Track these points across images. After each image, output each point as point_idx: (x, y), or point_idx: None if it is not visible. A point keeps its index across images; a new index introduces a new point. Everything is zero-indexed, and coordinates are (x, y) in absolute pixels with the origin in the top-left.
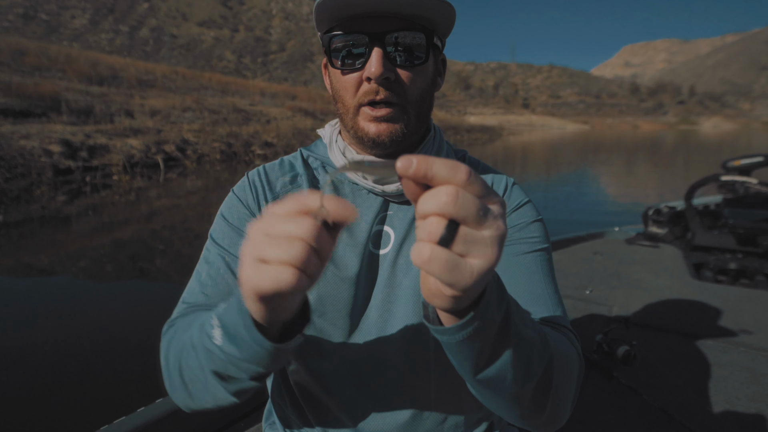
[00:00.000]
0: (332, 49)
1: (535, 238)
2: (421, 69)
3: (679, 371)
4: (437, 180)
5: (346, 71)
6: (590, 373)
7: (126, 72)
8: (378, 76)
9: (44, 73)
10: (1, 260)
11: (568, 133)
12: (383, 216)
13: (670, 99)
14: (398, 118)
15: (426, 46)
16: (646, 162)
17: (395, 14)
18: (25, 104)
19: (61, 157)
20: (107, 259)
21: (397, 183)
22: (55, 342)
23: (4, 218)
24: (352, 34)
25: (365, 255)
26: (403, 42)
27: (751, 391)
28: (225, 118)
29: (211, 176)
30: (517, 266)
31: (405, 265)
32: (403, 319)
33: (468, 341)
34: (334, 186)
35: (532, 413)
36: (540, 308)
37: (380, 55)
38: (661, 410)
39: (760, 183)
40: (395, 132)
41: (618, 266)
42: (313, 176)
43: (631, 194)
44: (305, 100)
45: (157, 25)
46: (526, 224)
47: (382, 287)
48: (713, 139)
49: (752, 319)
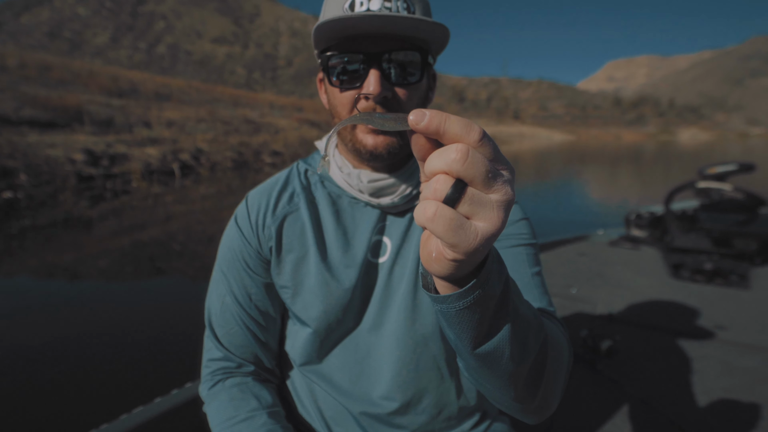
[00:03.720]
0: (330, 68)
1: (522, 234)
2: (416, 86)
3: (659, 364)
4: (449, 136)
5: (345, 89)
6: (576, 366)
7: (144, 86)
8: (376, 95)
9: (68, 87)
10: (29, 260)
11: (556, 143)
12: (381, 226)
13: (651, 111)
14: (395, 132)
15: (420, 65)
16: (628, 169)
17: (392, 35)
18: (51, 116)
19: (83, 165)
20: (127, 259)
21: (392, 196)
22: (77, 337)
23: (31, 222)
24: (350, 54)
25: (364, 264)
26: (399, 61)
27: (725, 383)
28: (236, 129)
29: (223, 183)
30: (505, 258)
31: (400, 272)
32: (396, 321)
33: (468, 310)
34: (333, 199)
35: (526, 396)
36: (528, 297)
37: (378, 75)
38: (642, 400)
39: (733, 189)
40: (392, 144)
41: (602, 267)
42: (310, 192)
43: (614, 199)
44: (311, 112)
45: (174, 42)
46: (513, 222)
47: (380, 294)
48: (691, 149)
49: (726, 315)
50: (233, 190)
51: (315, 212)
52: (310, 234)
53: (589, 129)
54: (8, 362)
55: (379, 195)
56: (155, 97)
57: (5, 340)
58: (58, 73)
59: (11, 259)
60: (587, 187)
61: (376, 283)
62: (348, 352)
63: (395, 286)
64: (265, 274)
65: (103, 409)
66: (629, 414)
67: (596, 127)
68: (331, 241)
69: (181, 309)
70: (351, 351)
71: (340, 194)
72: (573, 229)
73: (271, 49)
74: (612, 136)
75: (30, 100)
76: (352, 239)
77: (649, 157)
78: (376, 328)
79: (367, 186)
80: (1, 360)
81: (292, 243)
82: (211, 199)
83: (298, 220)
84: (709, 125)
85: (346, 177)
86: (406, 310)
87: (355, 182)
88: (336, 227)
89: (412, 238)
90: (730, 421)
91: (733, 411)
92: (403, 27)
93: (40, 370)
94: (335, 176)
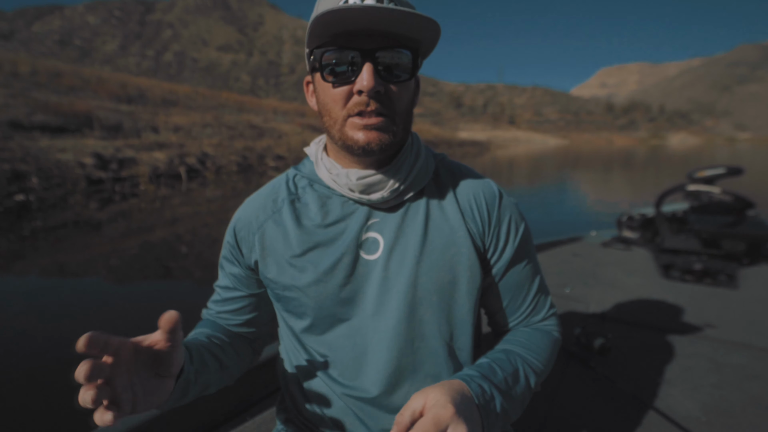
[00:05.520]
0: (324, 64)
1: (524, 247)
2: (406, 84)
3: (650, 361)
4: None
5: (337, 84)
6: (569, 363)
7: (152, 92)
8: (370, 89)
9: (78, 93)
10: (40, 261)
11: (550, 147)
12: (371, 224)
13: (642, 116)
14: (387, 128)
15: (411, 64)
16: (620, 173)
17: (385, 33)
18: (62, 121)
19: (93, 168)
20: (135, 259)
21: (382, 191)
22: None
23: (42, 224)
24: (344, 50)
25: (356, 261)
26: (392, 59)
27: (714, 379)
28: (241, 134)
29: (228, 186)
30: (510, 274)
31: (396, 268)
32: (395, 314)
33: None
34: (323, 200)
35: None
36: (525, 295)
37: (371, 69)
38: (634, 396)
39: (722, 192)
40: (384, 140)
41: (594, 267)
42: (297, 195)
43: (607, 202)
44: (313, 117)
45: (180, 50)
46: (516, 231)
47: (376, 289)
48: (680, 153)
49: (715, 314)
50: (238, 192)
51: (299, 214)
52: (294, 235)
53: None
54: (19, 359)
55: (369, 191)
56: (162, 103)
57: (18, 338)
58: (68, 79)
59: (23, 259)
60: (581, 190)
61: (370, 280)
62: (342, 349)
63: (392, 281)
64: (253, 277)
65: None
66: (621, 409)
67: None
68: (319, 240)
69: (186, 308)
70: (346, 347)
71: (329, 195)
72: (567, 231)
73: (275, 56)
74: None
75: (41, 105)
76: (341, 237)
77: (640, 161)
78: (373, 324)
79: (357, 183)
80: (12, 357)
81: (275, 245)
82: (216, 201)
83: (280, 224)
84: (698, 130)
85: (335, 177)
86: (405, 304)
87: (343, 181)
88: (324, 226)
89: (406, 233)
90: (718, 416)
91: (722, 406)
92: (398, 23)
93: (48, 368)
94: (324, 178)
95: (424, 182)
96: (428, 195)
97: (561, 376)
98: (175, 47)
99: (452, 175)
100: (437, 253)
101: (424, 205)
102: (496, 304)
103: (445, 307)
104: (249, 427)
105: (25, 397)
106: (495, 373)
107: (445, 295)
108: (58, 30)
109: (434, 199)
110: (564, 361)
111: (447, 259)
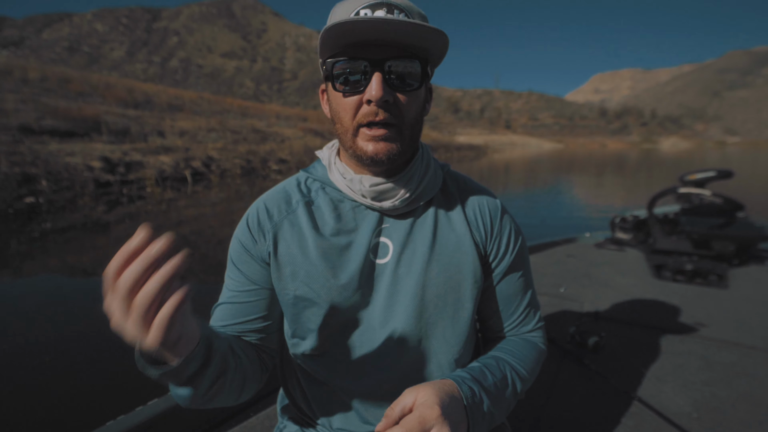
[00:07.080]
0: (335, 74)
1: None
2: (415, 94)
3: (642, 359)
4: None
5: (348, 94)
6: (564, 361)
7: (158, 97)
8: (378, 98)
9: (87, 99)
10: (49, 261)
11: (545, 151)
12: (382, 229)
13: (634, 121)
14: (395, 138)
15: (420, 74)
16: (613, 176)
17: (395, 43)
18: (70, 126)
19: (101, 172)
20: None
21: (392, 200)
22: (92, 334)
23: (52, 225)
24: (354, 60)
25: (366, 265)
26: (401, 69)
27: (704, 376)
28: (245, 138)
29: (232, 189)
30: (503, 284)
31: (405, 271)
32: (403, 318)
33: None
34: (335, 204)
35: None
36: (518, 305)
37: (380, 79)
38: (626, 393)
39: (712, 195)
40: (392, 151)
41: (588, 267)
42: (310, 198)
43: (600, 204)
44: (315, 122)
45: (186, 57)
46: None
47: (385, 291)
48: (671, 156)
49: (706, 313)
50: (242, 195)
51: (314, 216)
52: (309, 236)
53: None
54: (27, 358)
55: (380, 199)
56: (168, 108)
57: (27, 337)
58: (77, 85)
59: (33, 259)
60: (575, 192)
61: (380, 282)
62: (349, 348)
63: (401, 284)
64: (267, 272)
65: (109, 407)
66: (614, 405)
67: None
68: (332, 243)
69: (192, 308)
70: (354, 346)
71: (341, 198)
72: (561, 232)
73: (278, 63)
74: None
75: (51, 111)
76: (354, 240)
77: (632, 164)
78: (381, 326)
79: (369, 190)
80: (20, 356)
81: (290, 244)
82: (221, 203)
83: (295, 224)
84: (689, 134)
85: (348, 183)
86: (413, 307)
87: (357, 187)
88: (337, 229)
89: (415, 239)
90: (708, 412)
91: (712, 402)
92: (407, 34)
93: (54, 367)
94: (337, 182)
95: (433, 193)
96: (436, 204)
97: (556, 373)
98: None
99: (458, 185)
100: (445, 259)
101: (432, 213)
102: (489, 309)
103: (450, 310)
104: (252, 422)
105: (25, 397)
106: (485, 377)
107: (450, 299)
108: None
109: (442, 208)
110: (559, 358)
111: (454, 265)
